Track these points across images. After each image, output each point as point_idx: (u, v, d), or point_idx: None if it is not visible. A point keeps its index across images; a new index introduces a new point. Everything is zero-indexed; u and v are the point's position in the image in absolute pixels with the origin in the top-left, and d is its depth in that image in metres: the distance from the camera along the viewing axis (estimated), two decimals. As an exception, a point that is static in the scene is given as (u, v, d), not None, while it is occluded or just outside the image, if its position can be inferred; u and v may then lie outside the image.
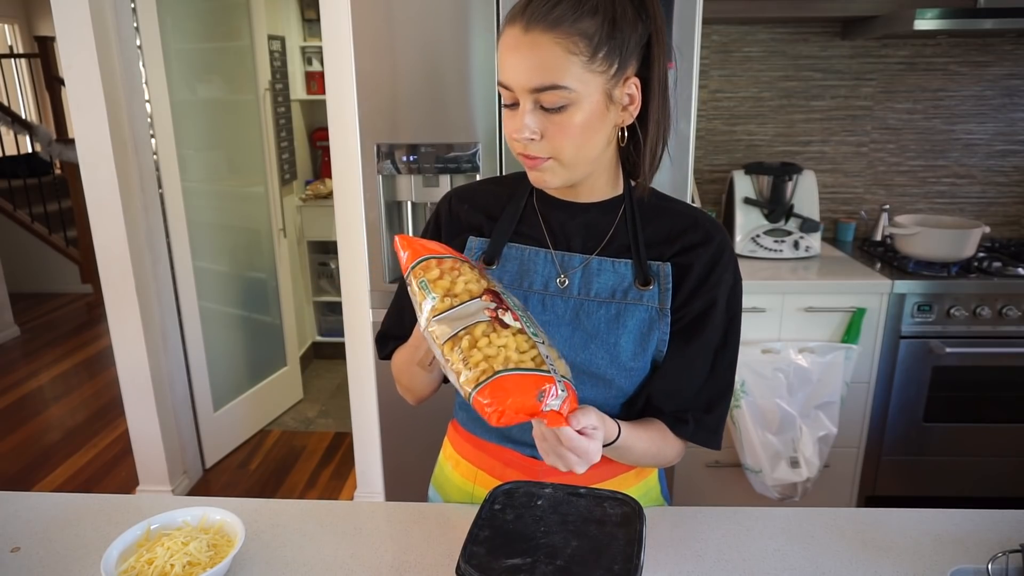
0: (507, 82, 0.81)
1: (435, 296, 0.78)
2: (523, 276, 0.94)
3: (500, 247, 0.96)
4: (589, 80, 0.80)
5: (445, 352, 0.75)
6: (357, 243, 2.11)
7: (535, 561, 0.73)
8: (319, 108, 3.90)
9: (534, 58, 0.79)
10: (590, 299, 0.92)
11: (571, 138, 0.82)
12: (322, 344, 3.97)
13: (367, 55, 1.76)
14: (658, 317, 0.91)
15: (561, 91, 0.79)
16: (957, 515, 1.00)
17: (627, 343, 0.90)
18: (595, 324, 0.91)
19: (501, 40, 0.82)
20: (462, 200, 1.01)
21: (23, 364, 4.03)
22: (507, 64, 0.81)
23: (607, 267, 0.92)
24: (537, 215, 0.96)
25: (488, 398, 0.71)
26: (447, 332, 0.76)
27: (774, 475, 2.11)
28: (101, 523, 1.00)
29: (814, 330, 2.13)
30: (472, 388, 0.72)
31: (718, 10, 2.21)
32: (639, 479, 1.03)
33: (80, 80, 2.15)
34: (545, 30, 0.78)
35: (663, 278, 0.91)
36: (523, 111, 0.82)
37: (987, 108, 2.55)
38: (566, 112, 0.81)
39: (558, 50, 0.78)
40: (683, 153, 1.78)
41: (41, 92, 6.19)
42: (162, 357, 2.51)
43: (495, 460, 1.00)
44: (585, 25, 0.78)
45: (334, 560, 0.92)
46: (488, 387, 0.71)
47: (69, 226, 5.20)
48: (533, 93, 0.80)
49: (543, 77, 0.79)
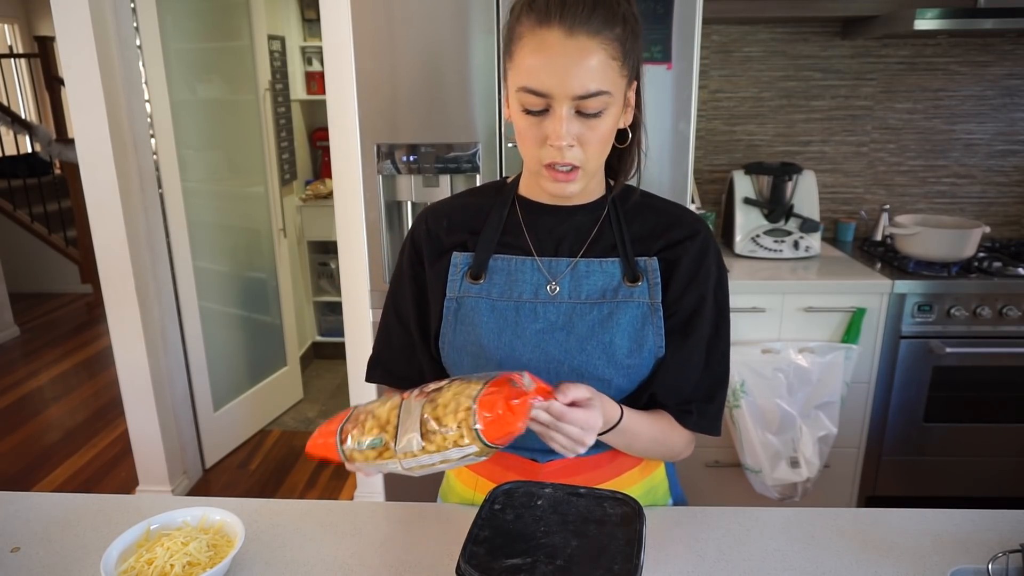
0: (544, 89, 0.78)
1: (379, 438, 0.75)
2: (512, 287, 0.93)
3: (486, 260, 0.94)
4: (620, 85, 0.81)
5: (432, 445, 0.73)
6: (357, 243, 2.11)
7: (535, 561, 0.73)
8: (319, 108, 3.90)
9: (583, 64, 0.77)
10: (582, 302, 0.92)
11: (601, 142, 0.83)
12: (322, 344, 3.97)
13: (367, 55, 1.76)
14: (650, 312, 0.91)
15: (605, 96, 0.79)
16: (957, 515, 1.00)
17: (622, 341, 0.90)
18: (589, 326, 0.91)
19: (528, 42, 0.79)
20: (439, 218, 0.99)
21: (23, 364, 4.03)
22: (546, 70, 0.77)
23: (595, 268, 0.92)
24: (520, 224, 0.96)
25: (485, 414, 0.71)
26: (415, 439, 0.73)
27: (774, 475, 2.11)
28: (101, 523, 1.00)
29: (814, 330, 2.13)
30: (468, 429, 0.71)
31: (718, 10, 2.21)
32: (643, 476, 1.02)
33: (80, 80, 2.15)
34: (591, 35, 0.77)
35: (651, 273, 0.92)
36: (560, 117, 0.79)
37: (987, 108, 2.55)
38: (601, 116, 0.81)
39: (604, 55, 0.78)
40: (683, 153, 1.78)
41: (41, 92, 6.19)
42: (162, 357, 2.51)
43: (495, 464, 1.00)
44: (619, 31, 0.79)
45: (334, 560, 0.92)
46: (480, 409, 0.71)
47: (69, 226, 5.20)
48: (576, 100, 0.78)
49: (592, 83, 0.78)
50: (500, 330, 0.92)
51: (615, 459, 0.99)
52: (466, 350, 0.93)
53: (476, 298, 0.93)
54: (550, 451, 0.96)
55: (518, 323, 0.91)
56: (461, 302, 0.94)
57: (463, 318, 0.94)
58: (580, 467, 0.97)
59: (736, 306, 2.10)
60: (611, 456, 0.99)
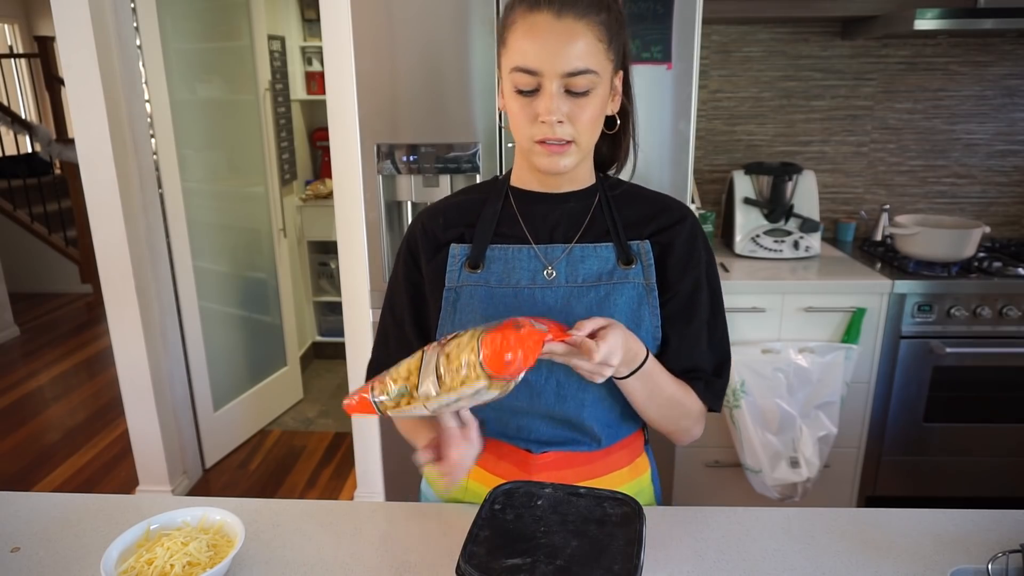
0: (534, 66, 0.84)
1: (404, 387, 0.80)
2: (509, 274, 0.96)
3: (483, 250, 0.97)
4: (606, 67, 0.87)
5: (444, 387, 0.77)
6: (357, 243, 2.11)
7: (535, 561, 0.73)
8: (319, 108, 3.90)
9: (571, 43, 0.83)
10: (578, 285, 0.94)
11: (591, 121, 0.88)
12: (322, 344, 3.97)
13: (367, 55, 1.76)
14: (645, 292, 0.95)
15: (591, 75, 0.85)
16: (957, 515, 1.00)
17: (620, 321, 0.91)
18: (586, 308, 0.93)
19: (519, 26, 0.85)
20: (435, 217, 1.02)
21: (23, 364, 4.03)
22: (536, 48, 0.84)
23: (590, 252, 0.95)
24: (515, 213, 0.99)
25: (486, 349, 0.74)
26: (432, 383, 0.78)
27: (774, 475, 2.11)
28: (101, 523, 1.00)
29: (814, 330, 2.13)
30: (473, 366, 0.75)
31: (718, 10, 2.21)
32: (632, 477, 1.04)
33: (80, 80, 2.15)
34: (577, 18, 0.83)
35: (644, 255, 0.95)
36: (550, 94, 0.84)
37: (987, 108, 2.55)
38: (589, 96, 0.86)
39: (591, 37, 0.84)
40: (683, 153, 1.78)
41: (41, 92, 6.19)
42: (162, 357, 2.51)
43: (489, 453, 1.01)
44: (604, 17, 0.86)
45: (334, 560, 0.92)
46: (483, 345, 0.74)
47: (69, 226, 5.20)
48: (565, 77, 0.84)
49: (580, 61, 0.84)
50: (499, 316, 0.93)
51: (608, 456, 1.01)
52: None
53: (475, 286, 0.96)
54: (543, 442, 0.98)
55: (517, 308, 0.94)
56: (460, 291, 0.97)
57: (462, 307, 0.96)
58: (572, 461, 0.99)
59: (736, 306, 2.10)
60: (604, 453, 1.00)
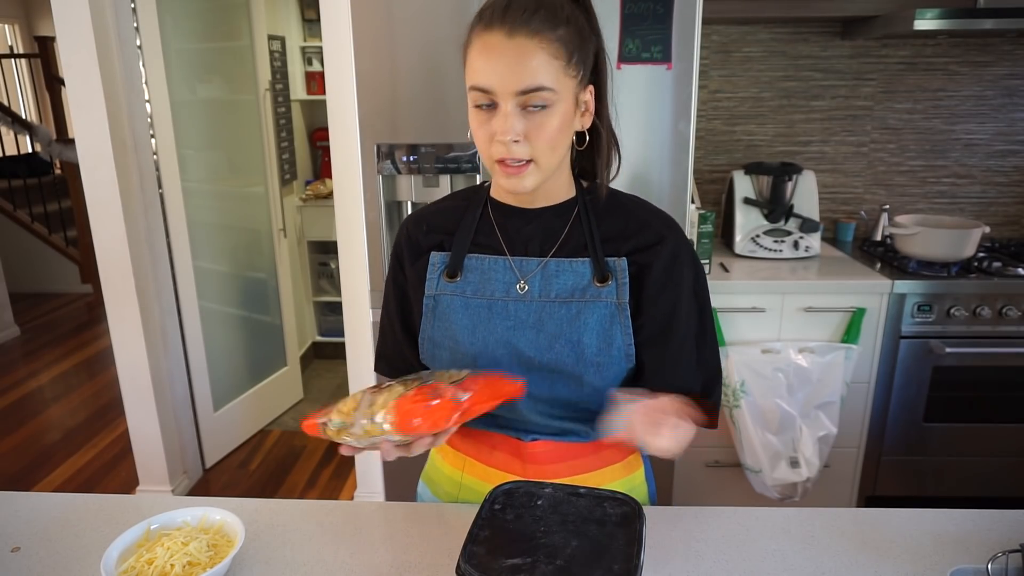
0: (488, 85, 0.84)
1: (342, 422, 0.87)
2: (485, 285, 0.97)
3: (461, 259, 0.98)
4: (565, 84, 0.86)
5: (366, 433, 0.84)
6: (357, 243, 2.11)
7: (535, 561, 0.73)
8: (319, 108, 3.89)
9: (523, 62, 0.83)
10: (551, 300, 0.94)
11: (550, 139, 0.87)
12: (322, 344, 3.97)
13: (367, 55, 1.76)
14: (617, 311, 0.93)
15: (546, 92, 0.84)
16: (957, 515, 1.00)
17: (590, 340, 0.92)
18: (558, 324, 0.93)
19: (476, 45, 0.86)
20: (419, 224, 1.04)
21: (23, 364, 4.03)
22: (489, 67, 0.84)
23: (565, 267, 0.95)
24: (492, 224, 0.99)
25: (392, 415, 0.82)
26: (360, 425, 0.84)
27: (774, 475, 2.11)
28: (101, 523, 1.00)
29: (814, 330, 2.13)
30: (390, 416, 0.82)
31: (718, 10, 2.21)
32: (626, 473, 1.04)
33: (80, 80, 2.15)
34: (529, 36, 0.83)
35: (620, 273, 0.94)
36: (506, 114, 0.84)
37: (987, 108, 2.55)
38: (546, 112, 0.85)
39: (543, 55, 0.83)
40: (683, 153, 1.78)
41: (41, 92, 6.19)
42: (162, 357, 2.51)
43: (482, 444, 1.03)
44: (561, 32, 0.85)
45: (334, 560, 0.92)
46: (396, 410, 0.82)
47: (69, 226, 5.20)
48: (519, 95, 0.84)
49: (532, 79, 0.83)
50: (474, 327, 0.95)
51: (599, 450, 1.01)
52: (443, 345, 0.98)
53: (451, 296, 0.97)
54: (534, 431, 0.99)
55: (490, 320, 0.95)
56: (438, 300, 0.98)
57: (440, 315, 0.98)
58: (565, 453, 1.00)
59: (736, 306, 2.10)
60: (595, 447, 1.01)
